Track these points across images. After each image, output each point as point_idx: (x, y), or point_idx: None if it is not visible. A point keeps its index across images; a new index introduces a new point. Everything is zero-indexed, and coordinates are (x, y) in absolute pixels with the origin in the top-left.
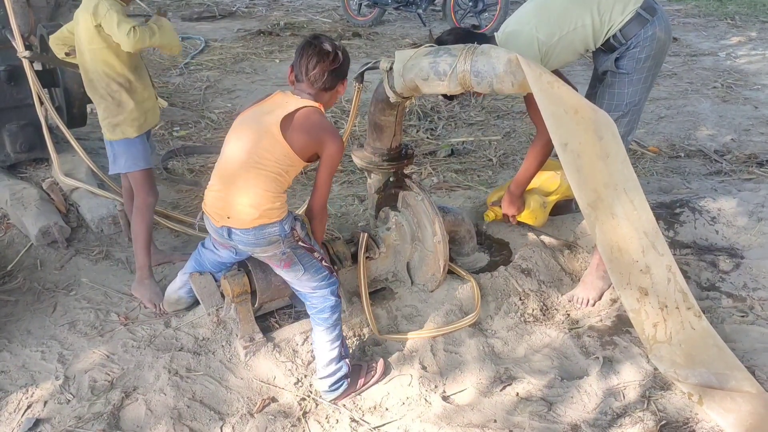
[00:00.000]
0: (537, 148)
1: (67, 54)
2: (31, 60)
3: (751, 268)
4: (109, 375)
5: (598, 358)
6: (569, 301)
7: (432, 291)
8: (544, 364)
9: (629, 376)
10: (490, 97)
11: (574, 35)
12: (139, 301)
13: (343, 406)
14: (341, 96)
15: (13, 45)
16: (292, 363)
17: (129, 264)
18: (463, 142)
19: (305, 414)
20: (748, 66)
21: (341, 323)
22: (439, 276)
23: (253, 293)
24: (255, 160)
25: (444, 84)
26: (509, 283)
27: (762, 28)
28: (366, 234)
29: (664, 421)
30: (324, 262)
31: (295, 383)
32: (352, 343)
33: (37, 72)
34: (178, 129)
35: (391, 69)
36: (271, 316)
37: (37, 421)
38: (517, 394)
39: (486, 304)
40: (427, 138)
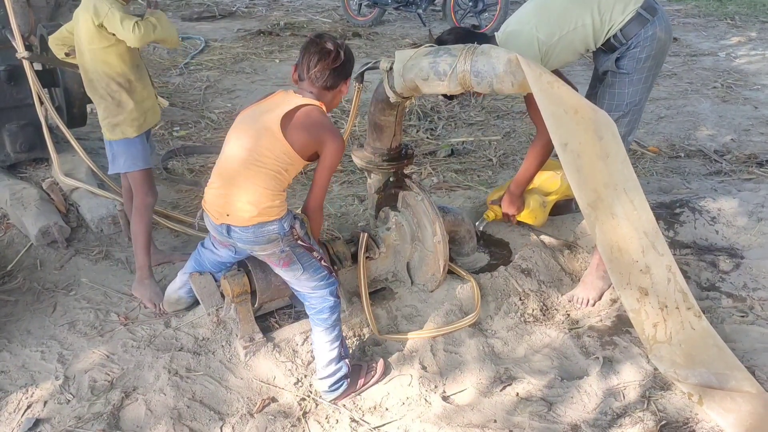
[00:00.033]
0: (537, 148)
1: (67, 54)
2: (30, 60)
3: (751, 268)
4: (109, 375)
5: (598, 358)
6: (569, 301)
7: (432, 291)
8: (544, 364)
9: (629, 376)
10: (490, 97)
11: (575, 35)
12: (139, 301)
13: (343, 406)
14: (343, 94)
15: (13, 45)
16: (292, 363)
17: (129, 264)
18: (463, 142)
19: (305, 414)
20: (748, 66)
21: (341, 323)
22: (439, 276)
23: (253, 293)
24: (255, 158)
25: (444, 84)
26: (509, 283)
27: (762, 28)
28: (366, 234)
29: (664, 421)
30: (323, 262)
31: (295, 383)
32: (352, 343)
33: (37, 72)
34: (178, 129)
35: (391, 69)
36: (271, 316)
37: (37, 421)
38: (517, 394)
39: (486, 304)
40: (427, 138)
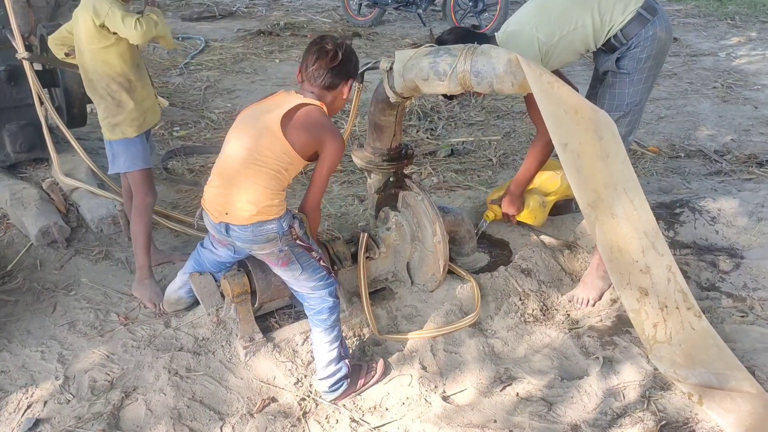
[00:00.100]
0: (537, 148)
1: (67, 54)
2: (30, 61)
3: (751, 268)
4: (109, 375)
5: (598, 358)
6: (569, 301)
7: (432, 291)
8: (544, 364)
9: (629, 376)
10: (490, 97)
11: (575, 35)
12: (139, 301)
13: (343, 406)
14: (345, 96)
15: (13, 45)
16: (292, 363)
17: (129, 264)
18: (463, 142)
19: (305, 414)
20: (748, 66)
21: (340, 324)
22: (439, 276)
23: (253, 293)
24: (255, 157)
25: (444, 84)
26: (509, 283)
27: (762, 28)
28: (366, 234)
29: (664, 421)
30: (322, 262)
31: (295, 383)
32: (352, 343)
33: (37, 72)
34: (178, 129)
35: (391, 69)
36: (271, 316)
37: (37, 421)
38: (517, 394)
39: (486, 304)
40: (427, 138)
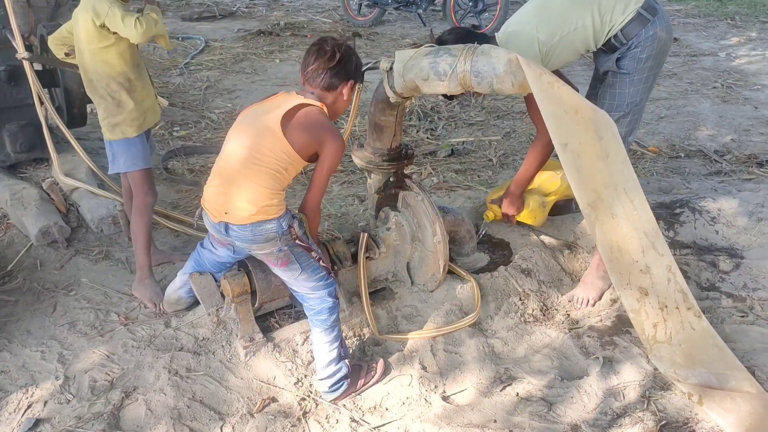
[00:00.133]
0: (537, 148)
1: (67, 54)
2: (30, 61)
3: (751, 268)
4: (109, 375)
5: (598, 358)
6: (569, 301)
7: (432, 291)
8: (544, 364)
9: (629, 376)
10: (490, 97)
11: (575, 35)
12: (140, 301)
13: (343, 406)
14: (346, 98)
15: (13, 45)
16: (292, 363)
17: (129, 264)
18: (463, 142)
19: (305, 414)
20: (748, 66)
21: (340, 324)
22: (439, 276)
23: (253, 293)
24: (255, 156)
25: (444, 84)
26: (509, 283)
27: (762, 28)
28: (366, 234)
29: (664, 421)
30: (322, 263)
31: (295, 383)
32: (352, 343)
33: (37, 72)
34: (178, 129)
35: (391, 69)
36: (271, 316)
37: (37, 421)
38: (517, 394)
39: (486, 304)
40: (427, 138)
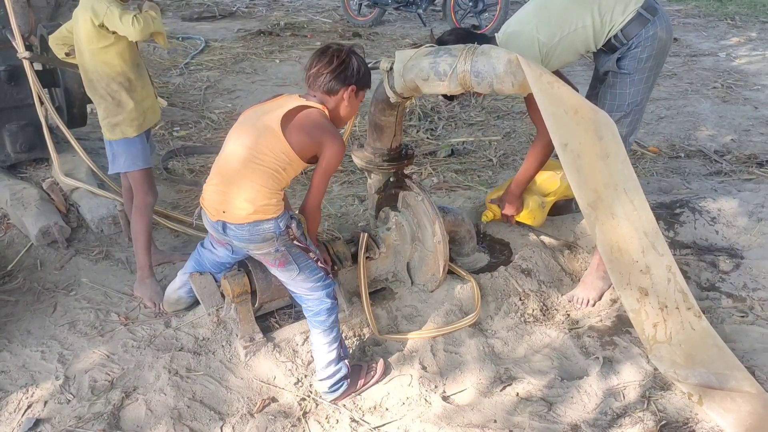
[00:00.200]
0: (537, 148)
1: (67, 54)
2: (30, 60)
3: (751, 269)
4: (109, 375)
5: (598, 358)
6: (569, 302)
7: (432, 291)
8: (544, 364)
9: (629, 376)
10: (490, 97)
11: (575, 36)
12: (140, 301)
13: (343, 406)
14: (348, 103)
15: (14, 45)
16: (292, 363)
17: (129, 264)
18: (463, 143)
19: (305, 414)
20: (748, 66)
21: (339, 325)
22: (439, 276)
23: (253, 293)
24: (254, 155)
25: (444, 84)
26: (509, 283)
27: (762, 28)
28: (366, 234)
29: (664, 421)
30: (320, 263)
31: (295, 383)
32: (352, 343)
33: (37, 72)
34: (178, 129)
35: (391, 69)
36: (271, 316)
37: (37, 421)
38: (517, 394)
39: (486, 304)
40: (427, 138)
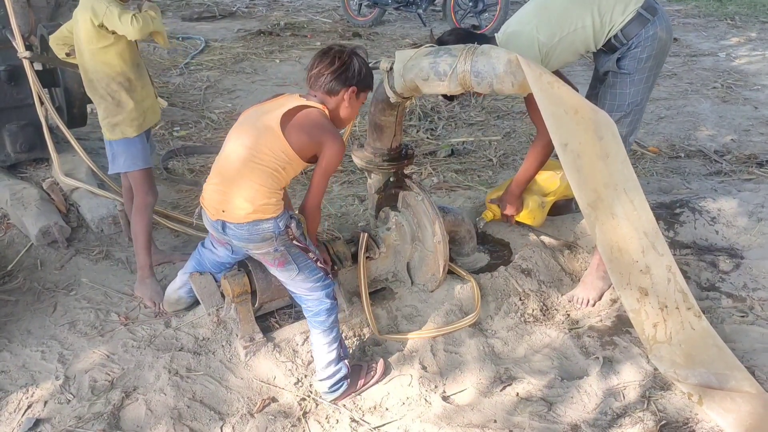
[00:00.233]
0: (537, 148)
1: (68, 54)
2: (31, 60)
3: (751, 269)
4: (109, 375)
5: (598, 358)
6: (569, 302)
7: (432, 291)
8: (544, 364)
9: (629, 376)
10: (490, 97)
11: (575, 36)
12: (140, 301)
13: (343, 406)
14: (348, 104)
15: (14, 45)
16: (292, 363)
17: (129, 264)
18: (463, 142)
19: (305, 414)
20: (748, 66)
21: (338, 325)
22: (439, 276)
23: (253, 293)
24: (253, 154)
25: (444, 84)
26: (509, 283)
27: (762, 28)
28: (366, 234)
29: (664, 421)
30: (319, 264)
31: (295, 383)
32: (352, 343)
33: (37, 72)
34: (178, 129)
35: (391, 69)
36: (271, 316)
37: (37, 421)
38: (517, 394)
39: (486, 304)
40: (427, 138)
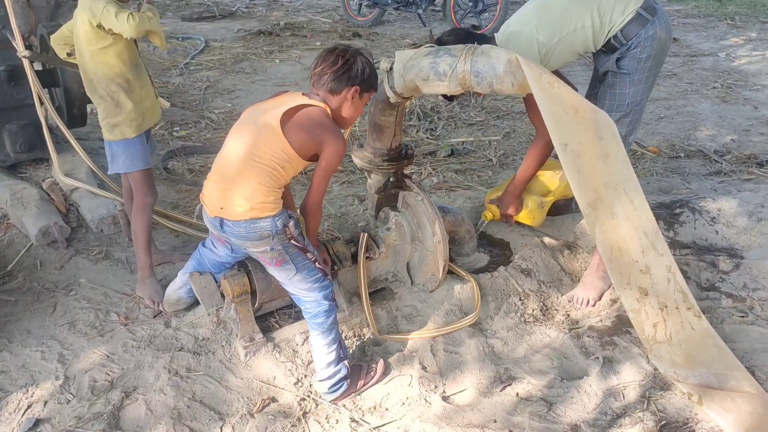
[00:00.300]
0: (537, 148)
1: (69, 54)
2: (31, 60)
3: (751, 269)
4: (109, 375)
5: (598, 358)
6: (569, 302)
7: (432, 291)
8: (544, 364)
9: (629, 376)
10: (490, 97)
11: (574, 36)
12: (139, 299)
13: (343, 406)
14: (351, 104)
15: (13, 45)
16: (292, 363)
17: (129, 264)
18: (463, 142)
19: (305, 414)
20: (747, 66)
21: (337, 326)
22: (439, 276)
23: (253, 293)
24: (252, 153)
25: (444, 84)
26: (509, 283)
27: (762, 28)
28: (366, 234)
29: (664, 422)
30: (317, 264)
31: (295, 383)
32: (351, 343)
33: (37, 72)
34: (178, 129)
35: (391, 69)
36: (271, 316)
37: (37, 421)
38: (517, 394)
39: (486, 304)
40: (427, 138)
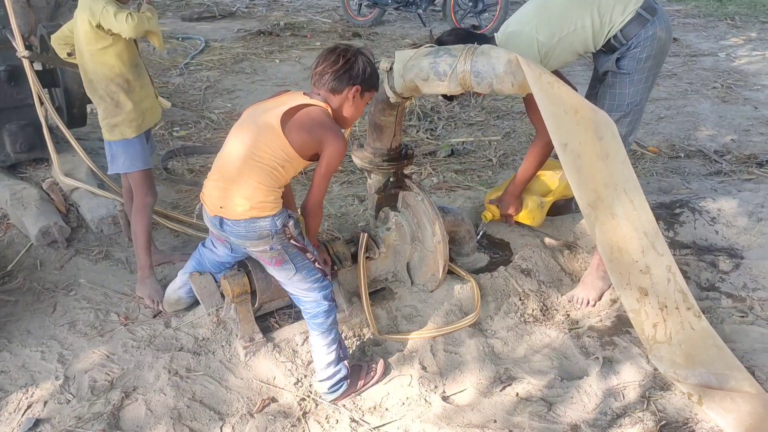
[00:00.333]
0: (537, 148)
1: (69, 54)
2: (31, 60)
3: (750, 269)
4: (109, 375)
5: (598, 358)
6: (569, 302)
7: (432, 291)
8: (544, 364)
9: (629, 376)
10: (490, 97)
11: (574, 37)
12: (140, 301)
13: (343, 406)
14: (352, 104)
15: (13, 45)
16: (292, 363)
17: (129, 264)
18: (463, 143)
19: (305, 414)
20: (747, 66)
21: (337, 326)
22: (438, 276)
23: (253, 293)
24: (253, 152)
25: (444, 84)
26: (509, 283)
27: (762, 28)
28: (366, 234)
29: (664, 422)
30: (317, 264)
31: (295, 383)
32: (351, 343)
33: (37, 72)
34: (178, 129)
35: (391, 69)
36: (271, 316)
37: (37, 421)
38: (517, 394)
39: (486, 305)
40: (427, 138)
